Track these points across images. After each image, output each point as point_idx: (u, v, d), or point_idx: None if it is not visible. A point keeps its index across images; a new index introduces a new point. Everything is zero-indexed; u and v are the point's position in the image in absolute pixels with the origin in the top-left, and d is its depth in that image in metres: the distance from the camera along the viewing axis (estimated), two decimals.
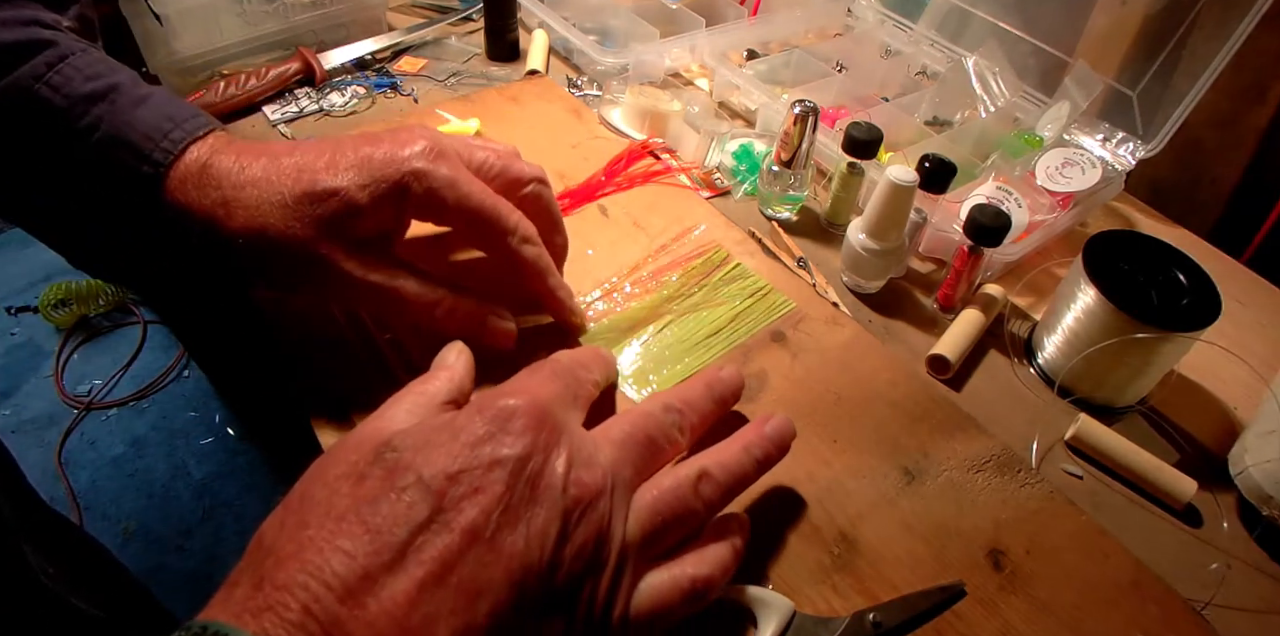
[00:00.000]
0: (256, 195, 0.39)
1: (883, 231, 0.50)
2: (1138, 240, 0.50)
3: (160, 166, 0.39)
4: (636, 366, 0.47)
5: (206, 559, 1.26)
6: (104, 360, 1.54)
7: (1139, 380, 0.48)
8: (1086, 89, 0.62)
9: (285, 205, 0.39)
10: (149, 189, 0.39)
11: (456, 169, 0.40)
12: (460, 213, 0.40)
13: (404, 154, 0.40)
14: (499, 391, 0.32)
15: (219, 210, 0.39)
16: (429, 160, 0.40)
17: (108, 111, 0.39)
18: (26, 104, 0.38)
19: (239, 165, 0.39)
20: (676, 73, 0.74)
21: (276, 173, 0.39)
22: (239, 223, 0.39)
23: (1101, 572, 0.40)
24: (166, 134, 0.39)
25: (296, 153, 0.40)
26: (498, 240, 0.42)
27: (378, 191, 0.39)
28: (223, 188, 0.39)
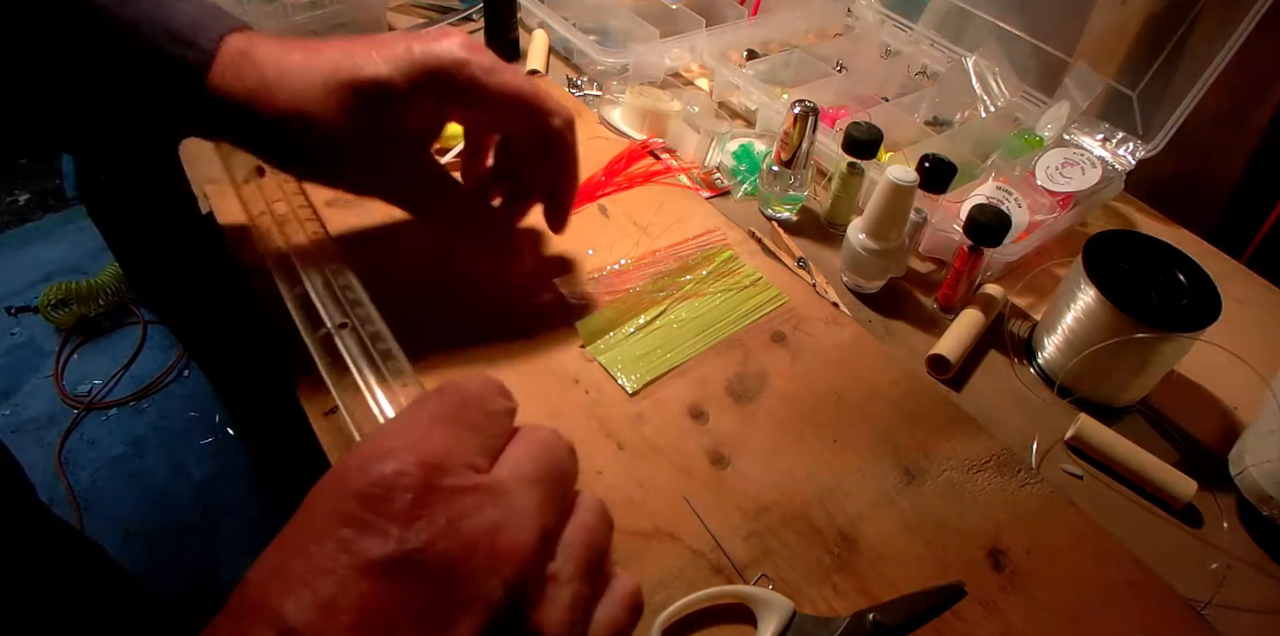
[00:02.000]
0: (298, 80, 0.40)
1: (883, 231, 0.50)
2: (1138, 240, 0.50)
3: (206, 53, 0.40)
4: (628, 355, 0.47)
5: (206, 559, 1.25)
6: (104, 360, 1.54)
7: (1139, 380, 0.48)
8: (1086, 89, 0.62)
9: (328, 91, 0.40)
10: (194, 77, 0.40)
11: (495, 59, 0.42)
12: (501, 97, 0.41)
13: (444, 45, 0.41)
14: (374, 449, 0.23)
15: (261, 92, 0.40)
16: (468, 51, 0.41)
17: (149, 5, 0.40)
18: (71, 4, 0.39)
19: (279, 52, 0.40)
20: (676, 73, 0.74)
21: (318, 61, 0.40)
22: (281, 105, 0.40)
23: (1101, 572, 0.40)
24: (210, 25, 0.40)
25: (335, 44, 0.41)
26: (540, 121, 0.43)
27: (419, 79, 0.40)
28: (265, 73, 0.40)
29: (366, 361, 0.42)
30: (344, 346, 0.43)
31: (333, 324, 0.44)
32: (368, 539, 0.21)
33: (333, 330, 0.43)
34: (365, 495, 0.22)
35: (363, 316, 0.44)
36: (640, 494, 0.41)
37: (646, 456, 0.43)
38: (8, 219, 1.80)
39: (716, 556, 0.39)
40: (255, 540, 1.27)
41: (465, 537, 0.22)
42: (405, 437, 0.24)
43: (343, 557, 0.21)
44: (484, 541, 0.22)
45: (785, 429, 0.45)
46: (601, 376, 0.46)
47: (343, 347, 0.43)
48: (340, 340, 0.43)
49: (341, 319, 0.44)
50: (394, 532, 0.21)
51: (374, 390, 0.40)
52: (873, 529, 0.41)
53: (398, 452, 0.23)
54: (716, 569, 0.38)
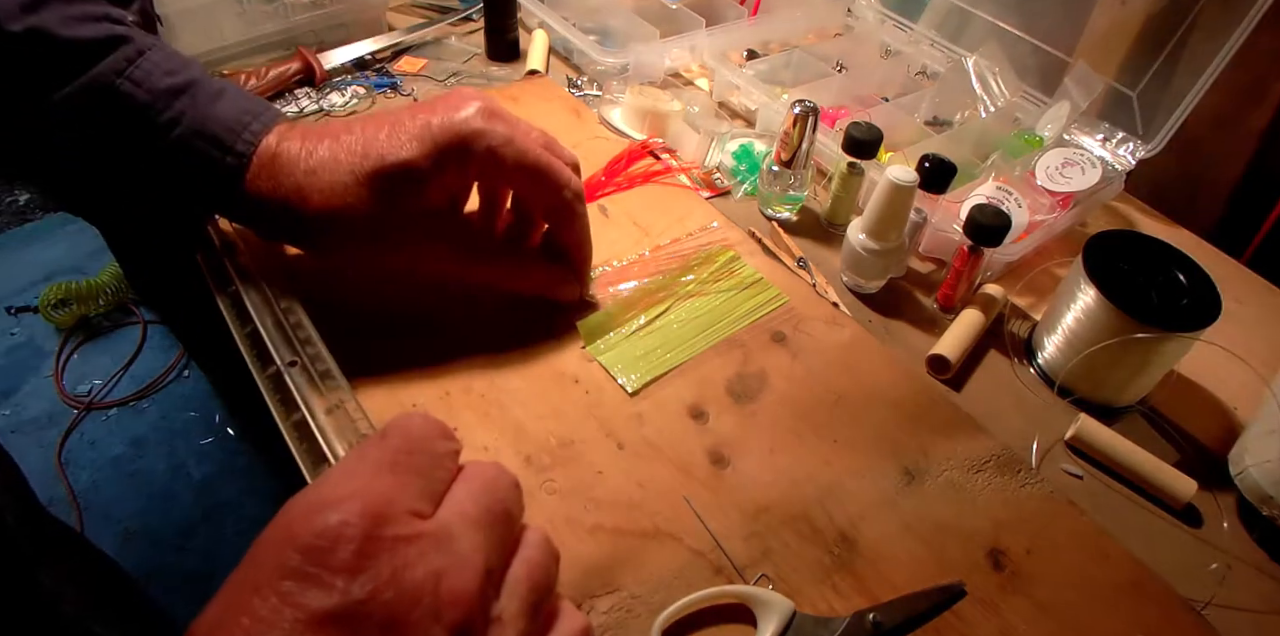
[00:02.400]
0: (327, 178, 0.41)
1: (883, 231, 0.50)
2: (1138, 240, 0.50)
3: (244, 157, 0.41)
4: (628, 355, 0.47)
5: (206, 559, 1.26)
6: (104, 360, 1.54)
7: (1139, 380, 0.48)
8: (1086, 89, 0.62)
9: (357, 184, 0.41)
10: (229, 180, 0.41)
11: (512, 127, 0.42)
12: (519, 168, 0.42)
13: (460, 117, 0.41)
14: (316, 498, 0.23)
15: (294, 196, 0.41)
16: (485, 120, 0.41)
17: (189, 105, 0.41)
18: (109, 99, 0.39)
19: (305, 150, 0.42)
20: (676, 73, 0.74)
21: (343, 152, 0.41)
22: (314, 206, 0.41)
23: (1101, 572, 0.40)
24: (246, 126, 0.41)
25: (356, 130, 0.42)
26: (553, 194, 0.44)
27: (441, 158, 0.41)
28: (295, 174, 0.41)
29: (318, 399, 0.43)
30: (293, 384, 0.44)
31: (282, 362, 0.45)
32: (311, 591, 0.21)
33: (282, 368, 0.45)
34: (309, 547, 0.21)
35: (313, 354, 0.45)
36: (640, 494, 0.41)
37: (646, 456, 0.43)
38: (8, 219, 1.80)
39: (716, 556, 0.39)
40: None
41: (409, 587, 0.22)
42: (348, 486, 0.24)
43: (286, 611, 0.21)
44: (428, 589, 0.22)
45: (785, 429, 0.45)
46: (601, 376, 0.46)
47: (292, 385, 0.44)
48: (290, 378, 0.44)
49: (291, 357, 0.45)
50: (338, 585, 0.21)
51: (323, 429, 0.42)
52: (873, 529, 0.41)
53: (342, 502, 0.23)
54: (716, 569, 0.38)
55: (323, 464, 0.41)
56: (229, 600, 0.22)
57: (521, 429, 0.43)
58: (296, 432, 0.43)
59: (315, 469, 0.41)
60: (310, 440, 0.42)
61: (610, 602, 0.37)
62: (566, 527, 0.39)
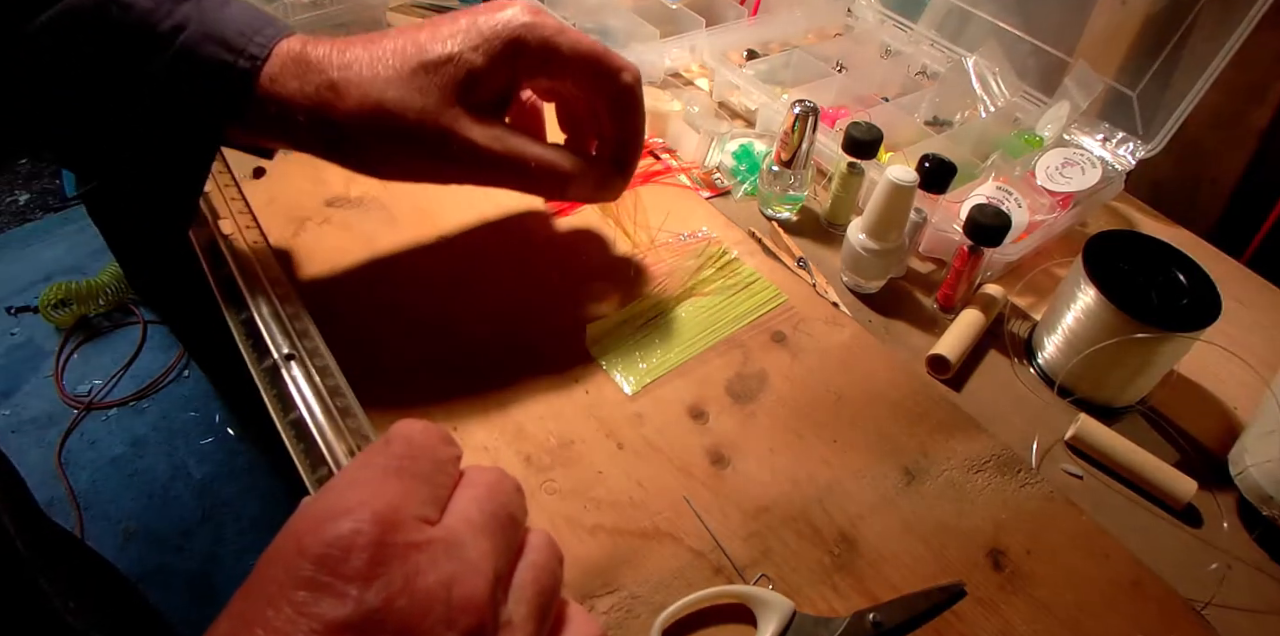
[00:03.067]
0: (366, 72, 0.38)
1: (883, 231, 0.50)
2: (1138, 240, 0.50)
3: (257, 59, 0.39)
4: (628, 355, 0.47)
5: (206, 559, 1.26)
6: (104, 360, 1.54)
7: (1139, 380, 0.48)
8: (1086, 89, 0.62)
9: (400, 77, 0.38)
10: (243, 84, 0.39)
11: (559, 22, 0.41)
12: (574, 57, 0.41)
13: (507, 14, 0.40)
14: (325, 507, 0.23)
15: (327, 93, 0.38)
16: (531, 15, 0.40)
17: (194, 10, 0.39)
18: (108, 6, 0.37)
19: (336, 49, 0.39)
20: (676, 73, 0.74)
21: (380, 51, 0.39)
22: (353, 102, 0.38)
23: (1101, 572, 0.40)
24: (259, 30, 0.39)
25: (390, 35, 0.40)
26: (612, 78, 0.42)
27: (492, 50, 0.39)
28: (326, 70, 0.39)
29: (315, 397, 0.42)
30: (290, 378, 0.42)
31: (279, 354, 0.43)
32: (326, 601, 0.21)
33: (279, 361, 0.43)
34: (321, 556, 0.21)
35: (310, 348, 0.43)
36: (640, 494, 0.41)
37: (646, 456, 0.43)
38: (8, 219, 1.80)
39: (716, 556, 0.39)
40: (255, 540, 1.27)
41: (422, 594, 0.22)
42: (356, 494, 0.23)
43: (301, 621, 0.20)
44: (440, 596, 0.22)
45: (785, 429, 0.45)
46: (601, 376, 0.46)
47: (288, 379, 0.42)
48: (286, 372, 0.42)
49: (289, 349, 0.43)
50: (352, 593, 0.21)
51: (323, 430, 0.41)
52: (873, 529, 0.41)
53: (351, 511, 0.22)
54: (716, 569, 0.38)
55: (321, 466, 0.40)
56: (240, 612, 0.21)
57: (521, 429, 0.43)
58: (294, 431, 0.42)
59: (314, 471, 0.41)
60: (308, 440, 0.41)
61: (610, 602, 0.37)
62: (566, 527, 0.39)
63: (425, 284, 0.50)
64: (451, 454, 0.27)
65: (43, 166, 1.90)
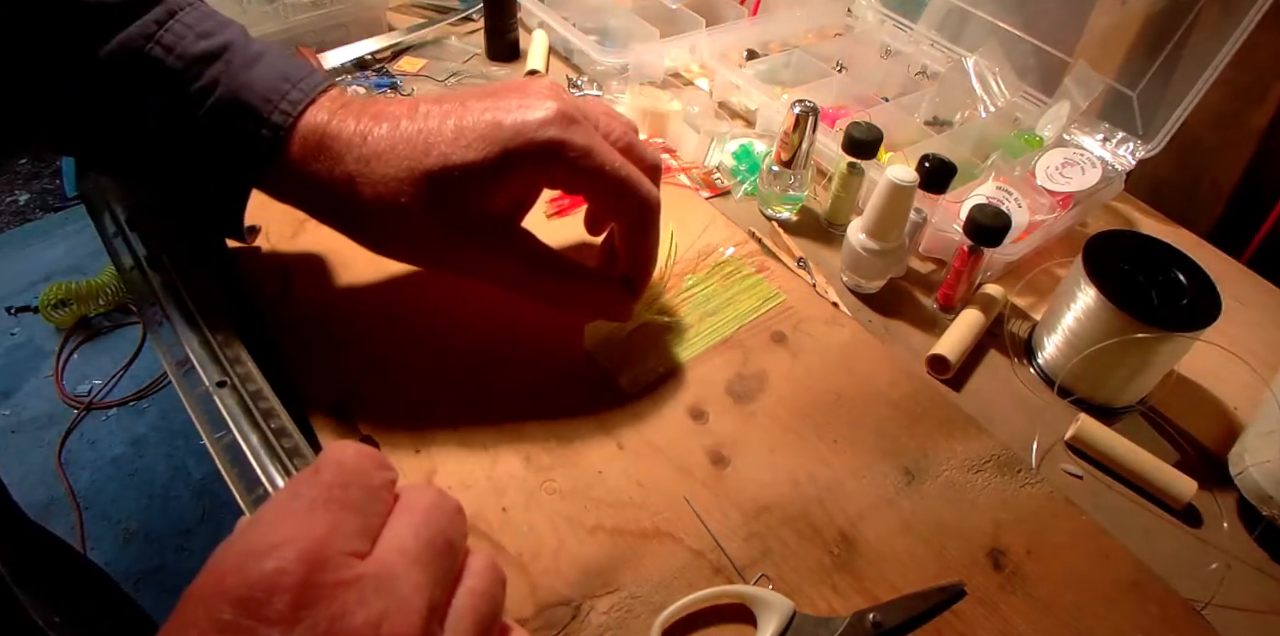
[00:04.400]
0: (383, 171, 0.38)
1: (883, 231, 0.50)
2: (1138, 240, 0.50)
3: (280, 129, 0.38)
4: (627, 356, 0.47)
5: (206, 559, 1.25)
6: (104, 360, 1.54)
7: (1139, 380, 0.48)
8: (1086, 89, 0.62)
9: (415, 181, 0.38)
10: (268, 154, 0.39)
11: (590, 136, 0.39)
12: (598, 182, 0.39)
13: (535, 120, 0.38)
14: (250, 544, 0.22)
15: (345, 186, 0.38)
16: (562, 128, 0.38)
17: (223, 72, 0.38)
18: (138, 66, 0.37)
19: (360, 134, 0.38)
20: (676, 73, 0.74)
21: (402, 142, 0.38)
22: (368, 198, 0.38)
23: (1101, 572, 0.40)
24: (285, 95, 0.38)
25: (418, 116, 0.39)
26: (630, 208, 0.41)
27: (511, 164, 0.38)
28: (346, 162, 0.38)
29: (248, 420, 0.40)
30: (222, 405, 0.41)
31: (211, 382, 0.41)
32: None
33: (211, 388, 0.41)
34: (243, 600, 0.20)
35: (243, 374, 0.42)
36: (640, 494, 0.41)
37: (646, 456, 0.43)
38: (8, 219, 1.80)
39: (716, 556, 0.39)
40: None
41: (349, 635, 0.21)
42: (282, 530, 0.22)
43: None
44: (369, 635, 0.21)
45: (785, 429, 0.45)
46: (601, 376, 0.46)
47: (221, 405, 0.41)
48: (220, 400, 0.41)
49: (220, 376, 0.42)
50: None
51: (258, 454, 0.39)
52: (873, 529, 0.41)
53: (276, 548, 0.21)
54: (716, 569, 0.38)
55: (256, 487, 0.38)
56: None
57: (521, 428, 0.43)
58: (228, 455, 0.40)
59: (249, 492, 0.38)
60: (241, 463, 0.39)
61: (610, 602, 0.37)
62: (566, 527, 0.39)
63: (424, 283, 0.50)
64: (385, 478, 0.25)
65: (43, 166, 1.90)
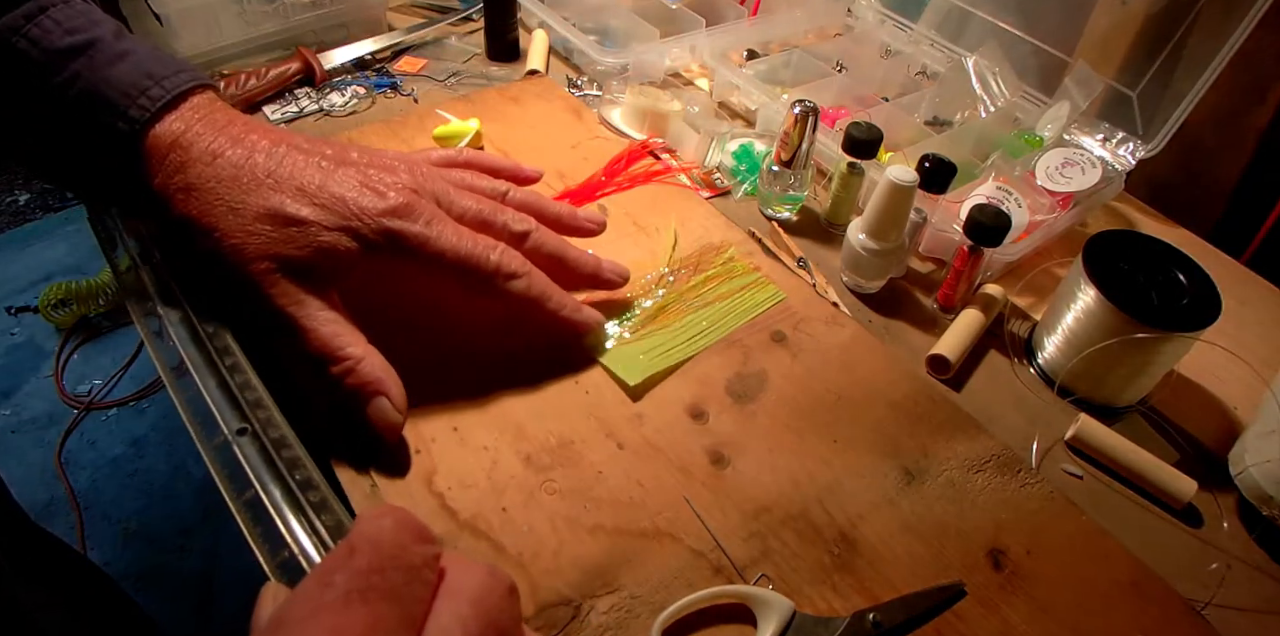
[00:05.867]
0: (217, 195, 0.38)
1: (883, 231, 0.50)
2: (1138, 240, 0.50)
3: (136, 123, 0.38)
4: (628, 355, 0.47)
5: (207, 559, 1.25)
6: (104, 360, 1.54)
7: (1139, 380, 0.48)
8: (1087, 89, 0.62)
9: (243, 215, 0.38)
10: (126, 147, 0.39)
11: (429, 224, 0.40)
12: (434, 267, 0.40)
13: (378, 208, 0.39)
14: None
15: (178, 194, 0.38)
16: (401, 217, 0.39)
17: (85, 67, 0.38)
18: (3, 58, 0.37)
19: (210, 152, 0.39)
20: (676, 73, 0.74)
21: (246, 175, 0.38)
22: (192, 212, 0.38)
23: (1101, 572, 0.40)
24: (144, 91, 0.38)
25: (275, 156, 0.39)
26: (482, 285, 0.42)
27: (342, 241, 0.39)
28: (188, 175, 0.38)
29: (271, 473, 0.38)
30: (243, 456, 0.39)
31: (230, 430, 0.40)
32: None
33: (230, 437, 0.39)
34: None
35: (264, 419, 0.40)
36: (640, 494, 0.41)
37: (646, 456, 0.43)
38: (8, 219, 1.80)
39: (716, 556, 0.39)
40: None
41: None
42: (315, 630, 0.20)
43: None
44: None
45: (785, 429, 0.45)
46: (601, 376, 0.46)
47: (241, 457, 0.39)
48: (239, 450, 0.39)
49: (240, 424, 0.40)
50: None
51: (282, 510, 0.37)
52: (873, 529, 0.41)
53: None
54: (716, 569, 0.38)
55: (281, 549, 0.36)
56: None
57: (521, 429, 0.43)
58: (249, 513, 0.38)
59: (274, 556, 0.36)
60: (265, 522, 0.37)
61: (610, 602, 0.37)
62: (566, 528, 0.39)
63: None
64: (427, 555, 0.23)
65: None
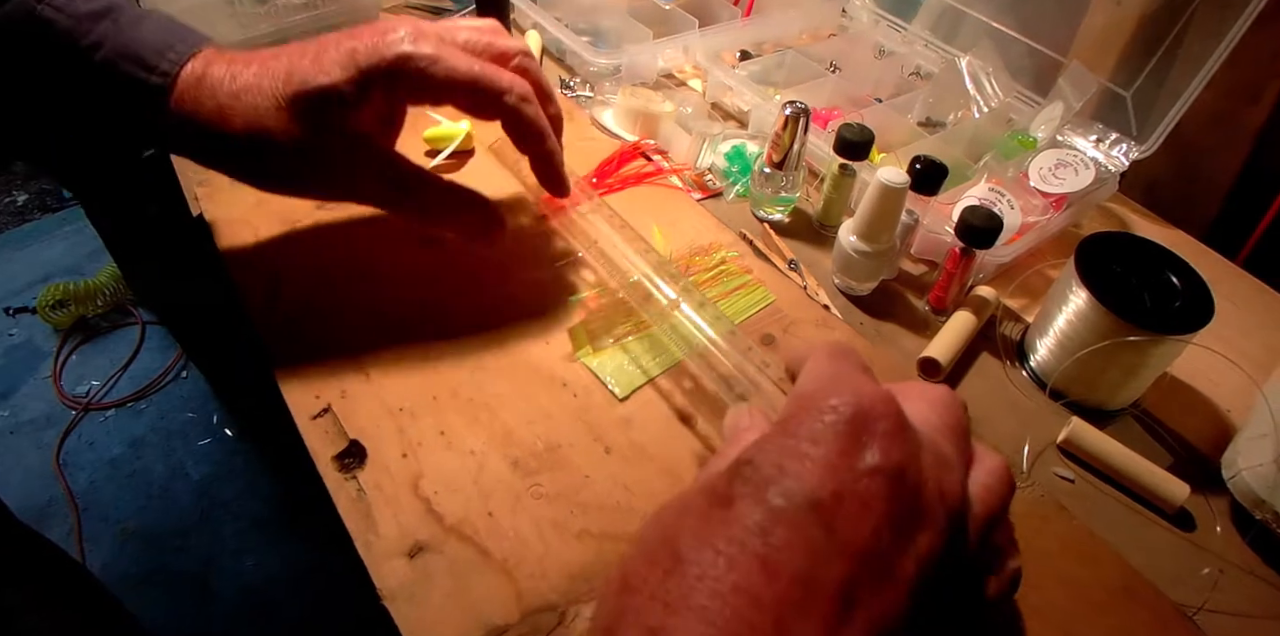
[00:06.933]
0: (251, 101, 0.41)
1: (874, 233, 0.50)
2: (1130, 242, 0.49)
3: (168, 76, 0.41)
4: (616, 359, 0.47)
5: (205, 559, 1.26)
6: (102, 361, 1.54)
7: (1131, 383, 0.48)
8: (1080, 89, 0.61)
9: (280, 107, 0.41)
10: (156, 99, 0.41)
11: (439, 46, 0.42)
12: (452, 85, 0.42)
13: (387, 40, 0.41)
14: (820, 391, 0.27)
15: (215, 117, 0.41)
16: (411, 43, 0.41)
17: (111, 29, 0.41)
18: (30, 24, 0.40)
19: (230, 74, 0.42)
20: (669, 74, 0.74)
21: (268, 76, 0.41)
22: (238, 126, 0.41)
23: (1092, 577, 0.40)
24: (171, 46, 0.42)
25: (283, 56, 0.42)
26: (496, 102, 0.43)
27: (367, 81, 0.41)
28: (218, 96, 0.41)
29: None
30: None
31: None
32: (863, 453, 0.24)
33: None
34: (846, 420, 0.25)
35: None
36: (628, 498, 0.41)
37: (634, 461, 0.42)
38: (6, 219, 1.80)
39: None
40: (254, 540, 1.27)
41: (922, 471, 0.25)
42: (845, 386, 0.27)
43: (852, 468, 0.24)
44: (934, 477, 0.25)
45: None
46: (590, 380, 0.46)
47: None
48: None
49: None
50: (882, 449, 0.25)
51: None
52: None
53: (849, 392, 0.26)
54: None
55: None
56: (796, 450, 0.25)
57: (510, 432, 0.43)
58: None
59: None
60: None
61: None
62: (553, 532, 0.39)
63: (411, 285, 0.50)
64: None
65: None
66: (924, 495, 0.24)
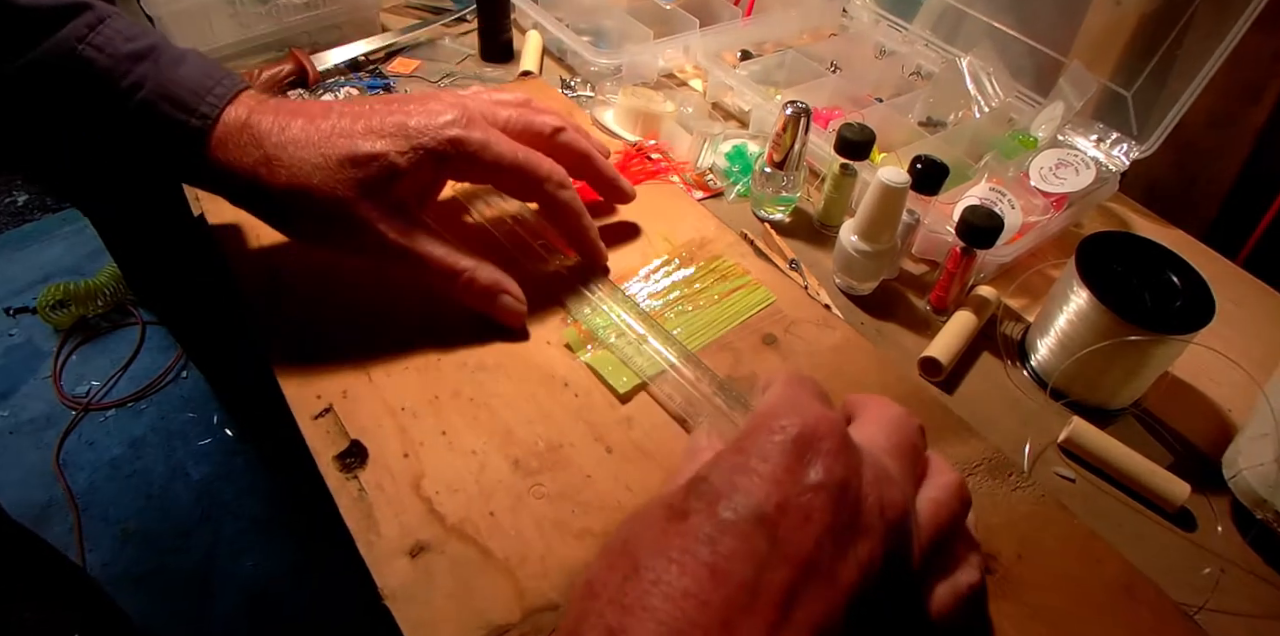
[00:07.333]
0: (298, 155, 0.41)
1: (875, 233, 0.50)
2: (1131, 242, 0.49)
3: (208, 119, 0.41)
4: (617, 358, 0.47)
5: (204, 559, 1.26)
6: (102, 361, 1.54)
7: (1132, 383, 0.48)
8: (1081, 89, 0.61)
9: (327, 167, 0.41)
10: (194, 143, 0.41)
11: (486, 131, 0.44)
12: (498, 169, 0.44)
13: (438, 123, 0.43)
14: (772, 413, 0.29)
15: (261, 168, 0.41)
16: (462, 128, 0.43)
17: (151, 69, 0.41)
18: (70, 65, 0.40)
19: (278, 125, 0.42)
20: (670, 73, 0.74)
21: (316, 134, 0.42)
22: (282, 180, 0.41)
23: (1094, 577, 0.40)
24: (210, 89, 0.42)
25: (332, 116, 0.43)
26: (536, 188, 0.46)
27: (416, 158, 0.42)
28: (264, 146, 0.41)
29: None
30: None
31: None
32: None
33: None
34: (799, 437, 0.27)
35: None
36: (629, 498, 0.41)
37: (635, 460, 0.42)
38: (6, 219, 1.80)
39: None
40: (254, 540, 1.27)
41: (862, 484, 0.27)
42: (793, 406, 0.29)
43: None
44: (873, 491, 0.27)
45: None
46: (591, 380, 0.46)
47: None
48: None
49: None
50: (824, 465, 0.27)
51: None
52: None
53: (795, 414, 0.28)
54: None
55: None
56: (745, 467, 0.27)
57: (510, 432, 0.43)
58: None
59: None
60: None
61: None
62: (554, 532, 0.39)
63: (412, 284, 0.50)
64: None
65: None
66: (864, 508, 0.26)
